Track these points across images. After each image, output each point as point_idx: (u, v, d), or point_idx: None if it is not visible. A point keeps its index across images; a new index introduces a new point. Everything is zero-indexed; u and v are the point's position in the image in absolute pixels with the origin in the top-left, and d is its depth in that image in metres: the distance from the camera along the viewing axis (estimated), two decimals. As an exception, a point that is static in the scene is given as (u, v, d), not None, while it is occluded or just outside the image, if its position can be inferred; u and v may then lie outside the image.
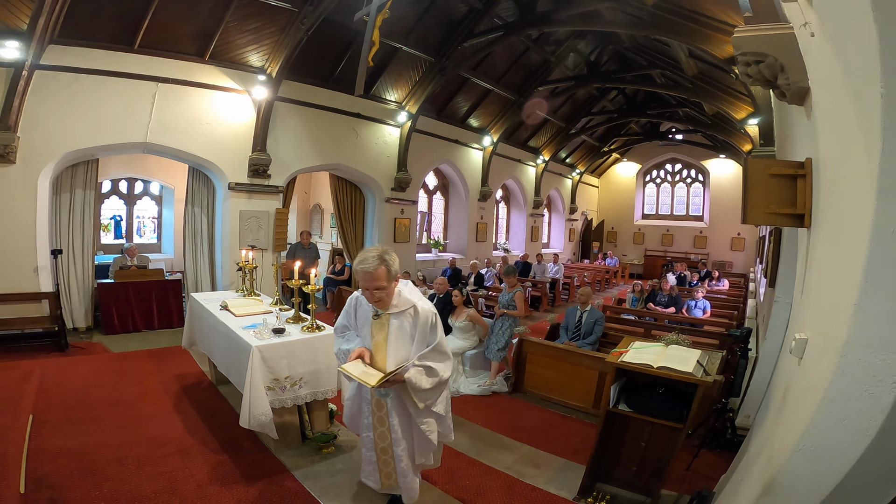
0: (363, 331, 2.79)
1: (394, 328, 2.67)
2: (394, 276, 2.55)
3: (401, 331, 2.68)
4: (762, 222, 2.32)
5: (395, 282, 2.60)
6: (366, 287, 2.53)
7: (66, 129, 6.58)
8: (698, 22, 6.95)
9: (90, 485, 3.22)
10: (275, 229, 8.79)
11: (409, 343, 2.68)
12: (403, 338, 2.68)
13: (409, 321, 2.67)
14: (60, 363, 5.74)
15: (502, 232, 16.80)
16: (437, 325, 2.69)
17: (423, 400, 2.63)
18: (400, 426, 2.74)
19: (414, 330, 2.67)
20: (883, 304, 1.34)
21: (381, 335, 2.69)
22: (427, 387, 2.59)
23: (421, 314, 2.66)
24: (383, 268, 2.47)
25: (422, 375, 2.58)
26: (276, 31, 7.74)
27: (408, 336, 2.67)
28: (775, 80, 2.28)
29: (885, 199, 1.28)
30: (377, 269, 2.46)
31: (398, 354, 2.68)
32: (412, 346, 2.67)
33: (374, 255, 2.49)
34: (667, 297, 8.74)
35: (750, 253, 17.33)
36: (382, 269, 2.47)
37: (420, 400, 2.62)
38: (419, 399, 2.62)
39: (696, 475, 3.68)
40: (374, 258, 2.47)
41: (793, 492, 1.69)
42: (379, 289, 2.50)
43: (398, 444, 2.74)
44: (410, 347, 2.67)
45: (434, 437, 2.77)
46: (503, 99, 12.45)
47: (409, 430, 2.77)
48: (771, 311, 4.70)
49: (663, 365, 3.11)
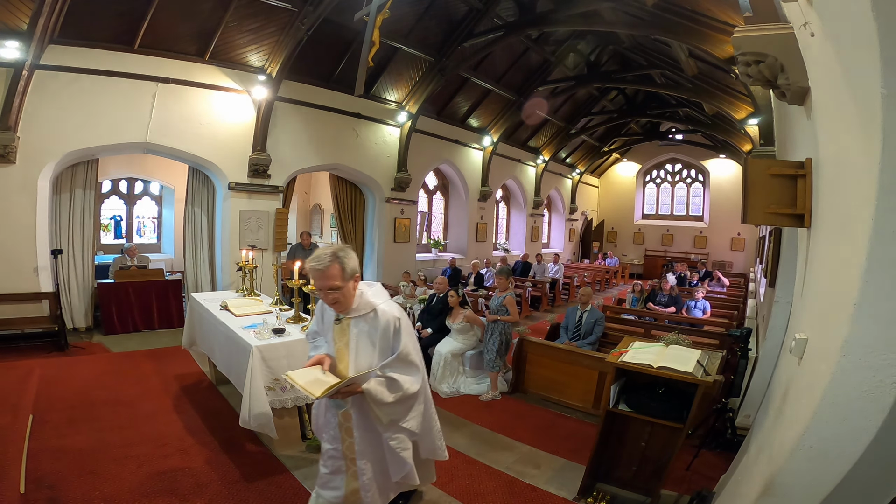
0: (328, 336, 2.57)
1: (354, 334, 2.44)
2: (350, 276, 2.32)
3: (362, 337, 2.43)
4: (762, 222, 2.32)
5: (352, 282, 2.36)
6: (319, 287, 2.32)
7: (66, 129, 6.58)
8: (698, 22, 6.95)
9: (90, 485, 3.22)
10: (275, 229, 8.80)
11: (372, 350, 2.43)
12: (365, 344, 2.43)
13: (370, 326, 2.43)
14: (60, 363, 5.74)
15: (502, 232, 16.80)
16: (401, 332, 2.42)
17: (388, 415, 2.40)
18: (363, 440, 2.49)
19: (375, 335, 2.42)
20: (883, 304, 1.34)
21: (342, 341, 2.46)
22: (389, 400, 2.35)
23: (381, 318, 2.41)
24: (336, 266, 2.26)
25: (382, 387, 2.34)
26: (276, 31, 7.74)
27: (370, 342, 2.43)
28: (775, 80, 2.28)
29: (885, 199, 1.28)
30: (329, 266, 2.25)
31: (360, 362, 2.43)
32: (375, 354, 2.43)
33: (328, 252, 2.30)
34: (666, 296, 8.74)
35: (750, 253, 17.33)
36: (335, 267, 2.25)
37: (384, 415, 2.39)
38: (382, 414, 2.39)
39: (696, 475, 3.68)
40: (328, 255, 2.27)
41: (793, 492, 1.69)
42: (332, 289, 2.28)
43: (361, 456, 2.49)
44: (373, 355, 2.43)
45: (407, 455, 2.51)
46: (503, 99, 12.45)
47: (376, 445, 2.52)
48: (771, 311, 4.70)
49: (663, 365, 3.11)
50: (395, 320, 2.42)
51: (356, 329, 2.43)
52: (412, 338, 2.50)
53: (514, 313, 5.52)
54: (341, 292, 2.30)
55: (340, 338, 2.46)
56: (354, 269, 2.34)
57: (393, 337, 2.41)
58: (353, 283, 2.37)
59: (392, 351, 2.41)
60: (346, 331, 2.44)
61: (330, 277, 2.26)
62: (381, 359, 2.42)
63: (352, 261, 2.33)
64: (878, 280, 1.33)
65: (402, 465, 2.50)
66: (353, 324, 2.43)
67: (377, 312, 2.42)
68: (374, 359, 2.42)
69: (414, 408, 2.50)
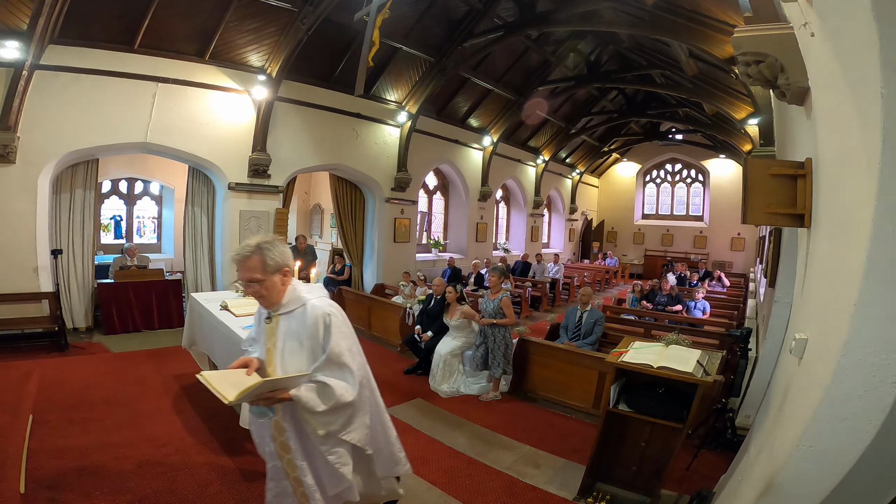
0: (261, 338, 2.33)
1: (282, 332, 2.19)
2: (273, 269, 2.11)
3: (289, 335, 2.18)
4: (762, 222, 2.32)
5: (278, 276, 2.14)
6: (240, 277, 2.16)
7: (66, 129, 6.58)
8: (698, 22, 6.95)
9: (90, 485, 3.22)
10: (275, 229, 8.79)
11: (300, 350, 2.17)
12: (293, 344, 2.17)
13: (297, 323, 2.18)
14: (60, 363, 5.74)
15: (502, 232, 16.80)
16: (332, 328, 2.14)
17: (324, 426, 2.12)
18: (301, 452, 2.23)
19: (303, 334, 2.16)
20: (883, 304, 1.34)
21: (270, 341, 2.21)
22: (321, 409, 2.08)
23: (309, 313, 2.16)
24: (257, 257, 2.08)
25: (312, 394, 2.07)
26: (276, 31, 7.74)
27: (297, 342, 2.17)
28: (775, 80, 2.28)
29: (885, 199, 1.28)
30: (249, 257, 2.08)
31: (287, 365, 2.16)
32: (304, 355, 2.17)
33: (252, 242, 2.13)
34: (666, 296, 8.74)
35: (750, 253, 17.33)
36: (256, 258, 2.08)
37: (318, 426, 2.11)
38: (316, 424, 2.11)
39: (696, 475, 3.68)
40: (251, 246, 2.11)
41: (793, 492, 1.69)
42: (253, 281, 2.09)
43: (304, 473, 2.22)
44: (302, 356, 2.17)
45: (346, 470, 2.22)
46: (503, 99, 12.45)
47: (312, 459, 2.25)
48: (771, 311, 4.70)
49: (663, 365, 3.11)
50: (325, 316, 2.15)
51: (284, 327, 2.20)
52: (348, 338, 2.21)
53: (510, 315, 5.37)
54: (263, 286, 2.11)
55: (269, 338, 2.23)
56: (280, 262, 2.13)
57: (323, 335, 2.14)
58: (281, 278, 2.16)
59: (322, 351, 2.14)
60: (274, 330, 2.21)
61: (249, 269, 2.10)
62: (311, 361, 2.15)
63: (277, 254, 2.13)
64: (878, 280, 1.33)
65: (339, 480, 2.23)
66: (282, 321, 2.20)
67: (306, 308, 2.18)
68: (302, 361, 2.16)
69: (355, 418, 2.21)
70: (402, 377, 6.05)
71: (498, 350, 5.28)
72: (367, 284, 10.74)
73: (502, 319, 5.31)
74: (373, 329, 8.02)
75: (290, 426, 2.21)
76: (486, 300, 5.48)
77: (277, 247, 2.14)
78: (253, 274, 2.09)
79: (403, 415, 4.84)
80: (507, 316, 5.34)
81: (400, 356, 6.92)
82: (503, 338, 5.32)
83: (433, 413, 4.97)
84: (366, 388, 2.29)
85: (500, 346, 5.29)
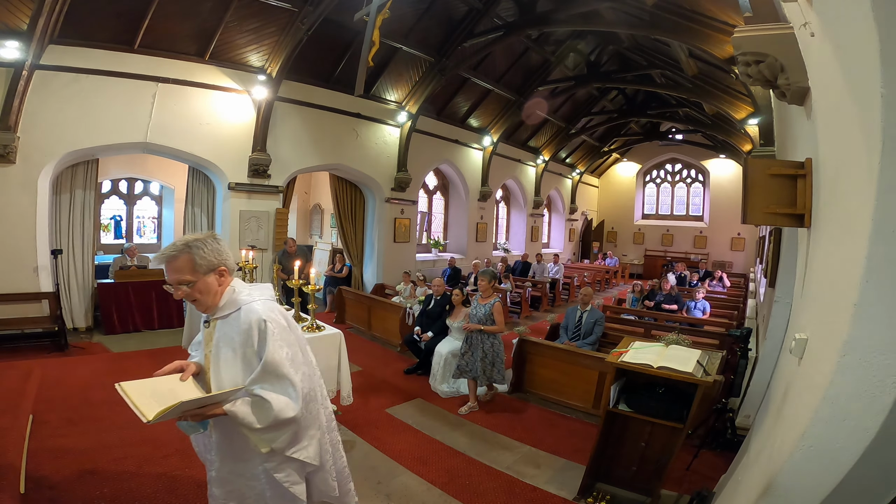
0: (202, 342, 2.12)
1: (217, 338, 1.97)
2: (207, 268, 1.90)
3: (224, 342, 1.95)
4: (762, 222, 2.32)
5: (213, 276, 1.93)
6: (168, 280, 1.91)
7: (66, 129, 6.58)
8: (698, 22, 6.95)
9: (90, 485, 3.22)
10: (275, 229, 8.80)
11: (233, 358, 1.93)
12: (227, 352, 1.94)
13: (231, 328, 1.95)
14: (60, 363, 5.74)
15: (502, 232, 16.80)
16: (268, 335, 1.87)
17: (266, 443, 1.87)
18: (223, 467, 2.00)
19: (236, 341, 1.93)
20: (883, 304, 1.34)
21: (209, 347, 2.00)
22: (260, 426, 1.82)
23: (243, 317, 1.91)
24: (186, 256, 1.87)
25: (247, 408, 1.82)
26: (276, 31, 7.74)
27: (231, 349, 1.94)
28: (775, 80, 2.28)
29: (885, 199, 1.28)
30: (177, 257, 1.86)
31: (221, 374, 1.92)
32: (238, 364, 1.92)
33: (182, 240, 1.92)
34: (665, 296, 8.75)
35: (750, 253, 17.33)
36: (185, 257, 1.87)
37: (261, 443, 1.87)
38: (258, 442, 1.87)
39: (696, 475, 3.69)
40: (180, 244, 1.89)
41: (793, 492, 1.69)
42: (182, 283, 1.88)
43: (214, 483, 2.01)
44: (236, 365, 1.92)
45: (298, 490, 1.97)
46: (503, 99, 12.45)
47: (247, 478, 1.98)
48: (771, 311, 4.70)
49: (663, 365, 3.11)
50: (260, 322, 1.88)
51: (220, 332, 1.97)
52: (288, 346, 1.94)
53: (500, 322, 4.96)
54: (195, 288, 1.89)
55: (207, 343, 2.02)
56: (213, 261, 1.92)
57: (258, 342, 1.88)
58: (217, 278, 1.95)
59: (258, 360, 1.88)
60: (212, 335, 2.00)
61: (176, 270, 1.88)
62: (248, 370, 1.90)
63: (210, 251, 1.92)
64: (878, 280, 1.33)
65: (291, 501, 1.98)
66: (219, 326, 1.98)
67: (240, 312, 1.94)
68: (237, 370, 1.92)
69: (303, 435, 1.95)
70: (402, 377, 6.05)
71: (486, 359, 4.94)
72: (367, 284, 10.74)
73: (490, 326, 4.94)
74: (373, 329, 8.02)
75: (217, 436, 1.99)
76: (476, 305, 5.08)
77: (210, 244, 1.94)
78: (181, 275, 1.87)
79: (403, 415, 4.84)
80: (497, 323, 4.94)
81: (400, 356, 6.92)
82: (491, 346, 4.97)
83: (433, 413, 4.97)
84: (314, 402, 2.03)
85: (489, 354, 4.95)
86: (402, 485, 3.57)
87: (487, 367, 4.98)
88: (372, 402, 5.11)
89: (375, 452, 4.03)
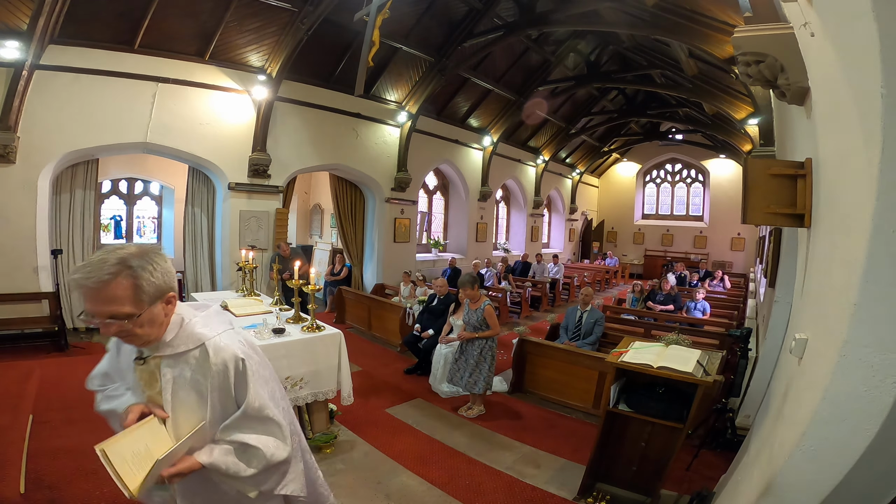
0: (129, 380, 1.64)
1: (168, 380, 1.54)
2: (154, 296, 1.44)
3: (182, 386, 1.55)
4: (762, 222, 2.32)
5: (160, 305, 1.48)
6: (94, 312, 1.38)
7: (66, 129, 6.58)
8: (698, 22, 6.95)
9: (90, 485, 3.22)
10: (275, 229, 8.79)
11: (200, 405, 1.56)
12: (188, 397, 1.55)
13: (194, 370, 1.55)
14: (60, 363, 5.73)
15: (502, 232, 16.80)
16: (248, 376, 1.56)
17: (254, 486, 1.60)
18: None
19: (204, 384, 1.54)
20: (883, 304, 1.34)
21: (153, 390, 1.57)
22: (247, 474, 1.55)
23: (213, 356, 1.53)
24: (127, 281, 1.38)
25: (231, 457, 1.53)
26: (276, 31, 7.74)
27: (196, 395, 1.56)
28: (775, 80, 2.28)
29: (884, 199, 1.28)
30: (109, 282, 1.35)
31: (181, 423, 1.55)
32: (207, 411, 1.55)
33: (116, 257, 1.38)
34: (664, 296, 8.75)
35: (750, 253, 17.33)
36: (125, 282, 1.37)
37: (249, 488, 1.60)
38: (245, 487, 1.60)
39: (696, 475, 3.69)
40: (113, 262, 1.36)
41: (793, 492, 1.69)
42: (114, 317, 1.37)
43: None
44: (204, 412, 1.55)
45: None
46: (503, 99, 12.45)
47: None
48: (771, 311, 4.70)
49: (663, 365, 3.11)
50: (236, 361, 1.55)
51: (172, 373, 1.55)
52: (269, 382, 1.67)
53: (494, 325, 4.85)
54: (137, 323, 1.41)
55: (149, 385, 1.57)
56: (163, 287, 1.47)
57: (235, 384, 1.56)
58: (164, 306, 1.50)
59: (237, 405, 1.57)
60: (155, 376, 1.56)
61: (110, 300, 1.35)
62: (222, 416, 1.57)
63: (158, 273, 1.46)
64: (878, 280, 1.33)
65: None
66: (167, 365, 1.55)
67: (207, 349, 1.54)
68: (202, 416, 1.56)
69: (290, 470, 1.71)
70: (402, 377, 6.05)
71: (484, 363, 4.87)
72: (367, 284, 10.74)
73: (486, 331, 4.85)
74: (373, 329, 8.02)
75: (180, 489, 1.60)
76: (469, 312, 4.93)
77: (156, 263, 1.47)
78: (118, 307, 1.36)
79: (403, 415, 4.84)
80: (491, 326, 4.84)
81: (400, 356, 6.92)
82: (490, 349, 4.91)
83: (433, 413, 4.97)
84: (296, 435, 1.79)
85: (486, 358, 4.88)
86: (402, 485, 3.57)
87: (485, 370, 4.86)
88: (372, 402, 5.12)
89: (375, 452, 4.03)
